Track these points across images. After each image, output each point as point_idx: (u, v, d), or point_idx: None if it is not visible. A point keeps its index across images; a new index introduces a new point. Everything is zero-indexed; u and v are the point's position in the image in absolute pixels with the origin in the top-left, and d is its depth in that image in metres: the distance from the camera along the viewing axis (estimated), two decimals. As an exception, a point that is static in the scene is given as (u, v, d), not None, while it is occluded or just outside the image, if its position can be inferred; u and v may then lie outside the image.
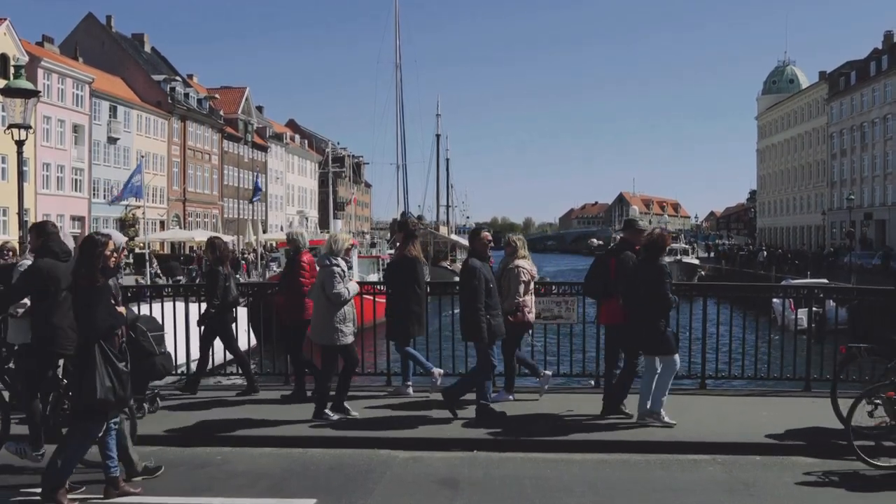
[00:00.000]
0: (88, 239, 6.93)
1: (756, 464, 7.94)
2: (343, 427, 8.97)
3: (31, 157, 50.34)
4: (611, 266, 9.47)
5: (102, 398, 6.57)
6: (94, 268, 6.73)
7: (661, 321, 8.83)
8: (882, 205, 78.11)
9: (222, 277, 10.71)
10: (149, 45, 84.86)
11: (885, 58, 79.26)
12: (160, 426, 9.02)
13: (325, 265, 9.28)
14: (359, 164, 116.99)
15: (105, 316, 6.71)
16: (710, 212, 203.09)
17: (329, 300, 9.18)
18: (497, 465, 7.80)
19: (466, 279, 9.25)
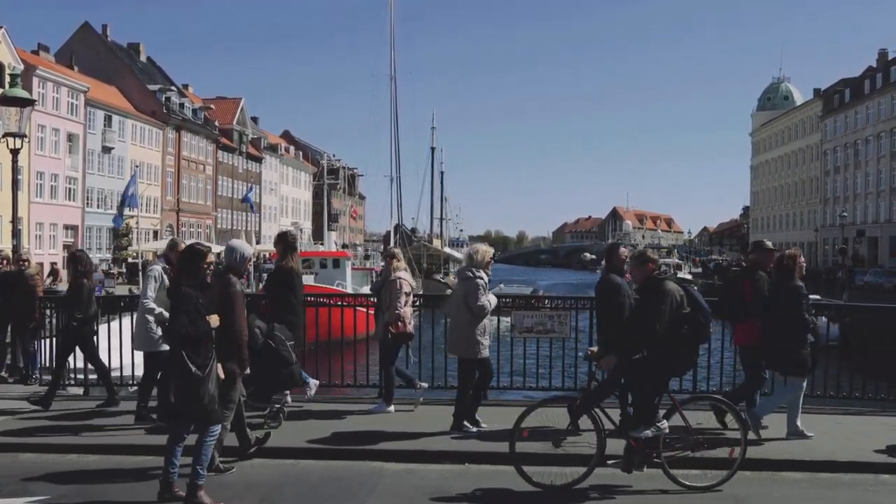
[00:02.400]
0: (189, 249, 7.16)
1: (746, 479, 7.93)
2: (334, 439, 8.96)
3: (26, 166, 50.27)
4: (745, 288, 9.52)
5: (173, 402, 6.68)
6: (187, 276, 6.93)
7: (798, 342, 8.90)
8: (875, 222, 78.38)
9: (86, 290, 10.69)
10: (144, 54, 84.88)
11: (880, 76, 79.70)
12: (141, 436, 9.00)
13: (468, 277, 9.27)
14: (353, 176, 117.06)
15: (184, 323, 6.74)
16: (704, 227, 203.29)
17: (471, 313, 9.17)
18: (489, 479, 7.80)
19: (610, 295, 9.13)
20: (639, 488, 7.51)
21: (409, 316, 10.21)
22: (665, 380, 7.70)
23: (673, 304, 7.50)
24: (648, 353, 7.51)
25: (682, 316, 7.52)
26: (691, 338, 7.60)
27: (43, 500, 7.04)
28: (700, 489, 7.42)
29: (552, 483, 7.45)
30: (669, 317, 7.43)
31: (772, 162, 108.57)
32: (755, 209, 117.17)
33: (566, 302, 11.49)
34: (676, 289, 7.65)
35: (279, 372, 8.86)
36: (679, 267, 75.25)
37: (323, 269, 41.93)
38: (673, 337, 7.46)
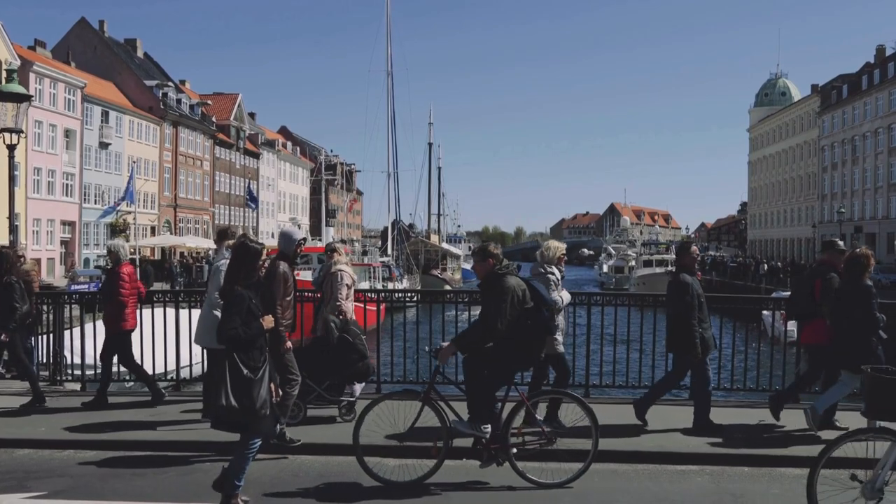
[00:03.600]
0: (243, 247, 6.88)
1: (745, 475, 7.95)
2: (332, 435, 8.95)
3: (22, 162, 50.20)
4: (815, 287, 9.56)
5: (225, 405, 6.45)
6: (240, 276, 6.70)
7: (869, 340, 8.90)
8: (872, 218, 78.49)
9: (17, 289, 10.63)
10: (141, 50, 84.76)
11: (877, 72, 79.78)
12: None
13: (541, 273, 9.22)
14: (351, 172, 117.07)
15: (236, 325, 6.54)
16: (701, 223, 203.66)
17: None
18: (486, 474, 7.78)
19: (679, 294, 9.24)
20: (488, 483, 7.50)
21: (350, 309, 10.22)
22: (506, 376, 7.65)
23: (514, 300, 7.47)
24: (491, 349, 7.50)
25: (524, 311, 7.50)
26: (534, 333, 7.56)
27: (40, 496, 7.02)
28: (551, 485, 7.36)
29: (397, 479, 7.42)
30: (511, 312, 7.40)
31: (769, 158, 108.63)
32: (753, 205, 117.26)
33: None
34: (518, 283, 7.62)
35: (355, 365, 8.93)
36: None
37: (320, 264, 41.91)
38: (515, 333, 7.45)
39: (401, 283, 57.20)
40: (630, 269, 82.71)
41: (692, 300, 9.19)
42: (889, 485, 5.69)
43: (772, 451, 8.45)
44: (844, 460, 5.83)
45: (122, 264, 10.65)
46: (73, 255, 59.77)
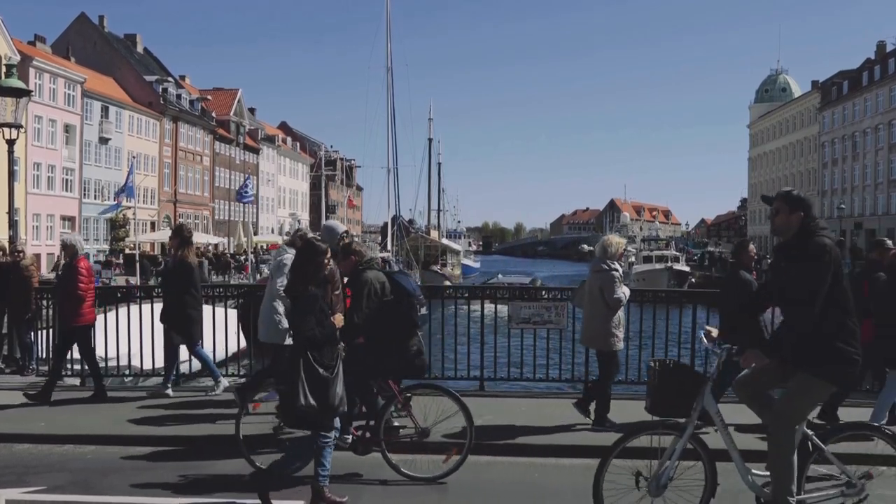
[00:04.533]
0: (309, 245, 6.84)
1: (734, 469, 7.93)
2: None
3: (22, 157, 50.15)
4: (864, 287, 9.55)
5: (303, 405, 6.41)
6: (310, 274, 6.63)
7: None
8: (872, 214, 78.48)
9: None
10: (141, 45, 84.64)
11: (878, 68, 79.69)
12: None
13: (604, 269, 9.22)
14: (351, 167, 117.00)
15: (312, 325, 6.50)
16: (701, 219, 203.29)
17: (608, 305, 9.14)
18: (486, 470, 7.78)
19: (741, 291, 9.23)
20: (362, 475, 7.52)
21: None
22: (373, 371, 7.70)
23: (371, 293, 7.55)
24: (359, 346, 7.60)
25: (384, 304, 7.57)
26: (394, 326, 7.61)
27: (39, 491, 7.03)
28: (424, 479, 7.36)
29: None
30: (368, 305, 7.50)
31: (770, 154, 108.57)
32: (753, 201, 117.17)
33: (563, 293, 11.48)
34: (376, 277, 7.70)
35: (412, 362, 8.91)
36: (676, 259, 74.99)
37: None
38: (374, 327, 7.52)
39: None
40: (630, 264, 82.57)
41: None
42: (673, 481, 5.70)
43: (760, 446, 8.43)
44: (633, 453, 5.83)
45: (79, 258, 10.62)
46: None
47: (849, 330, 5.53)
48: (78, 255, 10.65)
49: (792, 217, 5.65)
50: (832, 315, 5.47)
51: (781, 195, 5.77)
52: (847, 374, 5.59)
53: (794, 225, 5.64)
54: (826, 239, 5.52)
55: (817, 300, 5.38)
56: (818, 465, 5.78)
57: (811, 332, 5.47)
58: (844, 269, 5.83)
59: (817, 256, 5.44)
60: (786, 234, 5.71)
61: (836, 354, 5.49)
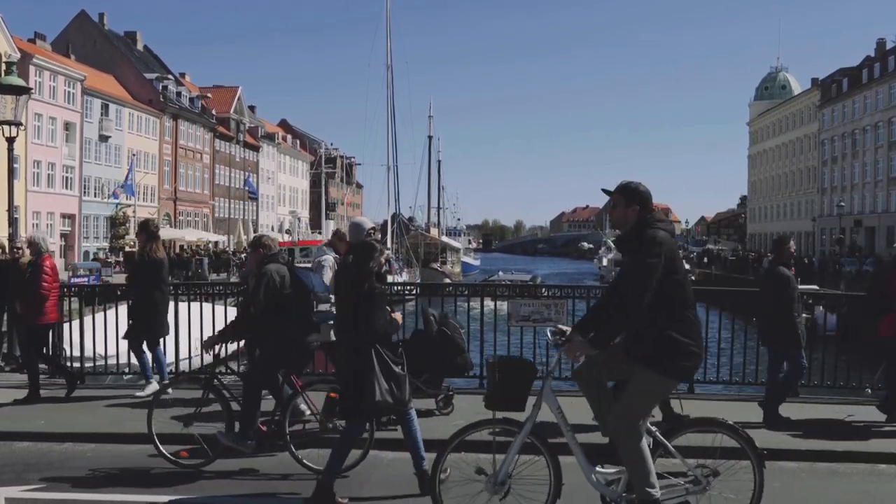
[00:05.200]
0: (366, 244, 6.99)
1: (743, 469, 7.94)
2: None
3: (22, 155, 50.13)
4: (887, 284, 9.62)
5: (380, 401, 6.51)
6: (373, 273, 6.75)
7: None
8: (872, 212, 78.41)
9: None
10: (141, 43, 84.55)
11: (878, 65, 79.58)
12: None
13: None
14: (351, 165, 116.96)
15: (384, 321, 6.71)
16: (701, 217, 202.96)
17: None
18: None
19: (782, 286, 9.35)
20: (259, 469, 7.60)
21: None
22: (275, 366, 7.76)
23: (269, 284, 7.62)
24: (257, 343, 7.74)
25: (282, 297, 7.63)
26: (288, 321, 7.67)
27: (38, 489, 7.03)
28: None
29: (184, 462, 7.62)
30: (264, 296, 7.57)
31: (769, 151, 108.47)
32: (753, 199, 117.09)
33: (563, 291, 11.48)
34: (277, 270, 7.75)
35: (454, 359, 9.08)
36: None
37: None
38: (269, 320, 7.61)
39: (400, 276, 57.19)
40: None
41: (793, 293, 9.33)
42: (512, 478, 5.68)
43: (770, 445, 8.44)
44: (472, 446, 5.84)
45: (44, 257, 10.59)
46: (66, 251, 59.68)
47: (688, 323, 5.47)
48: (42, 253, 10.60)
49: (629, 210, 5.62)
50: (668, 308, 5.42)
51: (619, 188, 5.74)
52: (686, 367, 5.53)
53: (631, 218, 5.60)
54: (661, 232, 5.47)
55: (646, 293, 5.31)
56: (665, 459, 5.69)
57: (649, 326, 5.43)
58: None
59: (648, 249, 5.38)
60: (623, 227, 5.66)
61: (674, 348, 5.41)
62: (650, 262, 5.36)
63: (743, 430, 5.74)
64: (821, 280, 50.02)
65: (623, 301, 5.46)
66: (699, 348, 5.53)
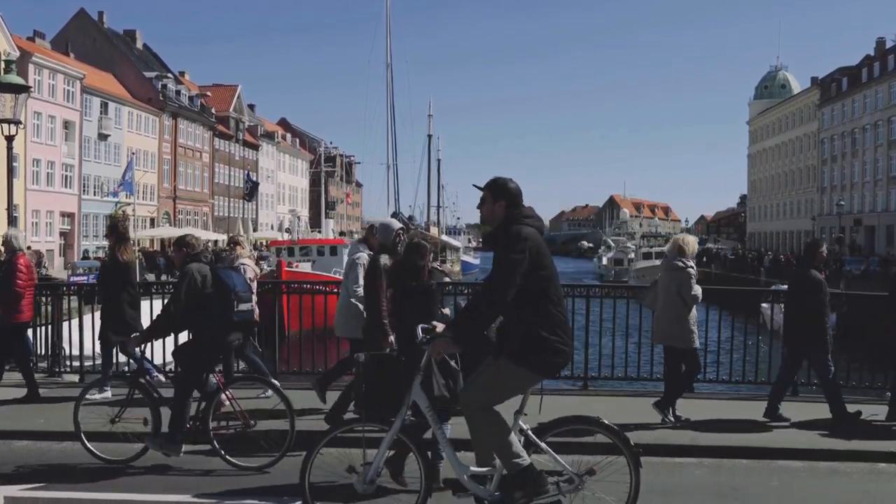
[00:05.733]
0: (419, 245, 7.43)
1: (743, 468, 7.95)
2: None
3: (22, 153, 50.11)
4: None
5: (438, 395, 6.48)
6: (426, 270, 7.20)
7: None
8: (872, 211, 78.40)
9: None
10: (141, 41, 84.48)
11: (877, 65, 79.56)
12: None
13: (680, 268, 9.28)
14: (350, 164, 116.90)
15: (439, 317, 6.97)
16: (701, 216, 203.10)
17: (685, 303, 9.19)
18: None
19: (814, 290, 9.37)
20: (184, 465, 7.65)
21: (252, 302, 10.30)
22: (201, 365, 7.85)
23: (191, 284, 7.66)
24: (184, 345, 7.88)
25: (204, 296, 7.67)
26: (212, 320, 7.72)
27: (38, 487, 7.02)
28: (249, 468, 7.44)
29: (110, 457, 7.74)
30: (185, 295, 7.62)
31: (769, 150, 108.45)
32: (752, 198, 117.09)
33: (563, 289, 11.46)
34: (199, 269, 7.78)
35: None
36: (676, 255, 75.03)
37: (320, 256, 41.96)
38: (190, 319, 7.69)
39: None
40: (629, 261, 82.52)
41: (825, 297, 9.35)
42: (382, 476, 5.71)
43: (769, 445, 8.45)
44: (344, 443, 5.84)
45: (19, 255, 10.53)
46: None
47: (555, 319, 5.44)
48: (17, 251, 10.53)
49: (496, 206, 5.59)
50: (534, 304, 5.39)
51: (487, 184, 5.71)
52: (551, 363, 5.50)
53: (499, 214, 5.56)
54: (527, 228, 5.44)
55: (509, 289, 5.29)
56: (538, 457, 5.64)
57: (515, 322, 5.42)
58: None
59: (513, 245, 5.34)
60: (492, 223, 5.62)
61: (541, 344, 5.39)
62: (514, 258, 5.32)
63: (619, 428, 5.71)
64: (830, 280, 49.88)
65: (486, 297, 5.43)
66: (567, 345, 5.50)
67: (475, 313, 5.46)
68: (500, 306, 5.36)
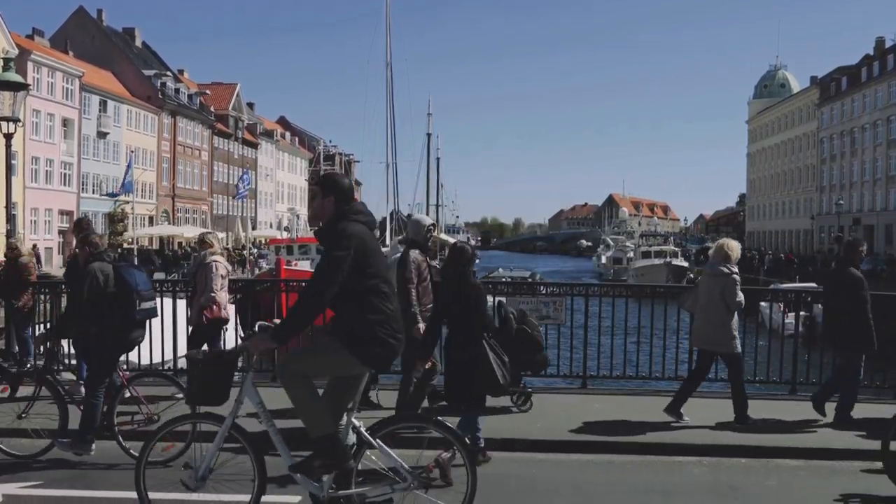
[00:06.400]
0: (463, 248, 7.86)
1: (741, 466, 7.95)
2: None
3: (20, 151, 50.07)
4: None
5: (503, 384, 7.35)
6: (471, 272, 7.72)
7: None
8: (871, 210, 78.44)
9: None
10: (140, 39, 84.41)
11: (877, 64, 79.59)
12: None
13: (725, 273, 9.25)
14: (349, 162, 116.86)
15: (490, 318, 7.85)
16: (700, 215, 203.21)
17: (728, 308, 9.19)
18: (481, 465, 7.77)
19: (856, 288, 9.31)
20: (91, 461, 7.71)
21: (224, 300, 10.37)
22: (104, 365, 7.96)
23: (93, 283, 7.77)
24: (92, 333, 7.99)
25: (106, 295, 7.80)
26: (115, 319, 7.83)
27: (37, 486, 7.01)
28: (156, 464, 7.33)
29: (18, 453, 7.89)
30: (90, 296, 7.74)
31: (768, 150, 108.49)
32: (751, 197, 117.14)
33: (562, 288, 11.48)
34: (101, 268, 7.89)
35: (534, 356, 9.29)
36: (675, 254, 75.14)
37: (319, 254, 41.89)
38: (94, 318, 7.80)
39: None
40: (628, 260, 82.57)
41: (867, 295, 9.31)
42: (214, 472, 5.71)
43: (768, 444, 8.44)
44: None
45: None
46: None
47: (384, 315, 5.45)
48: None
49: (325, 202, 5.61)
50: (359, 300, 5.40)
51: (318, 179, 5.75)
52: (378, 355, 5.51)
53: (329, 210, 5.58)
54: (356, 225, 5.45)
55: (330, 286, 5.29)
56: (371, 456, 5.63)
57: (342, 318, 5.46)
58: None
59: (337, 241, 5.37)
60: (322, 219, 5.64)
61: (368, 336, 5.40)
62: (337, 255, 5.35)
63: (452, 426, 5.67)
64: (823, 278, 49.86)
65: (306, 294, 5.42)
66: (395, 338, 5.51)
67: (294, 311, 5.44)
68: (319, 303, 5.35)
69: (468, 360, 7.32)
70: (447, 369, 7.69)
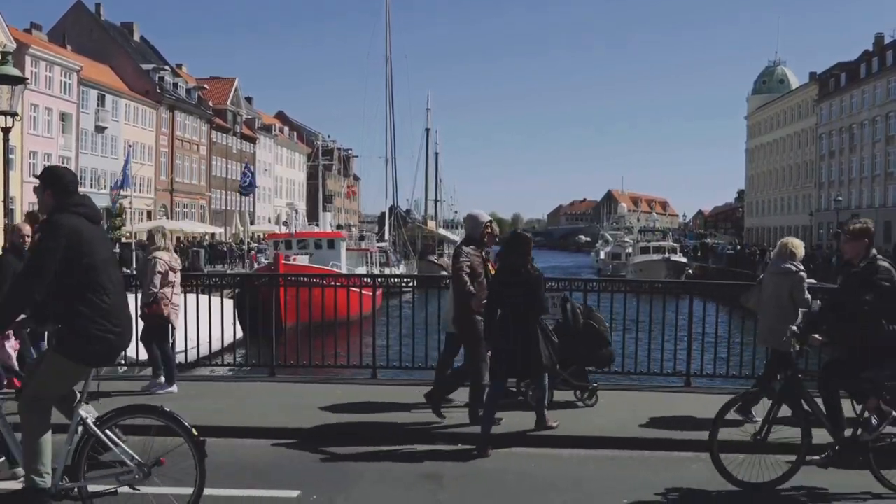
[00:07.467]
0: (522, 236, 8.36)
1: (741, 462, 7.93)
2: (326, 420, 8.91)
3: (18, 145, 49.97)
4: None
5: (547, 364, 7.92)
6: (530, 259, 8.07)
7: None
8: (870, 207, 78.45)
9: None
10: (138, 33, 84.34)
11: (876, 60, 79.60)
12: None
13: (793, 271, 9.19)
14: (348, 157, 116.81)
15: (547, 303, 8.46)
16: (699, 210, 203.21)
17: (795, 306, 9.11)
18: (481, 460, 7.77)
19: None
20: None
21: (167, 296, 10.29)
22: None
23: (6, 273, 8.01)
24: None
25: None
26: None
27: None
28: None
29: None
30: None
31: (767, 146, 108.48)
32: (750, 193, 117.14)
33: (559, 284, 11.46)
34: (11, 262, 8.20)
35: (599, 351, 9.51)
36: (674, 250, 75.12)
37: (318, 249, 41.93)
38: None
39: (397, 268, 57.25)
40: (627, 255, 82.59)
41: None
42: None
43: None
44: None
45: None
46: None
47: (98, 309, 5.44)
48: None
49: (45, 194, 5.60)
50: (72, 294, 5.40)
51: (40, 172, 5.78)
52: (94, 352, 5.51)
53: (49, 202, 5.57)
54: (70, 218, 5.45)
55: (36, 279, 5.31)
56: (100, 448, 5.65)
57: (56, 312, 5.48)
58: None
59: (47, 235, 5.41)
60: (45, 211, 5.64)
61: (82, 333, 5.41)
62: (45, 247, 5.36)
63: (180, 417, 5.62)
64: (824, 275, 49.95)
65: (13, 285, 5.47)
66: (112, 333, 5.50)
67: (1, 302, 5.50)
68: (26, 294, 5.38)
69: (523, 337, 7.78)
70: (494, 350, 8.05)
